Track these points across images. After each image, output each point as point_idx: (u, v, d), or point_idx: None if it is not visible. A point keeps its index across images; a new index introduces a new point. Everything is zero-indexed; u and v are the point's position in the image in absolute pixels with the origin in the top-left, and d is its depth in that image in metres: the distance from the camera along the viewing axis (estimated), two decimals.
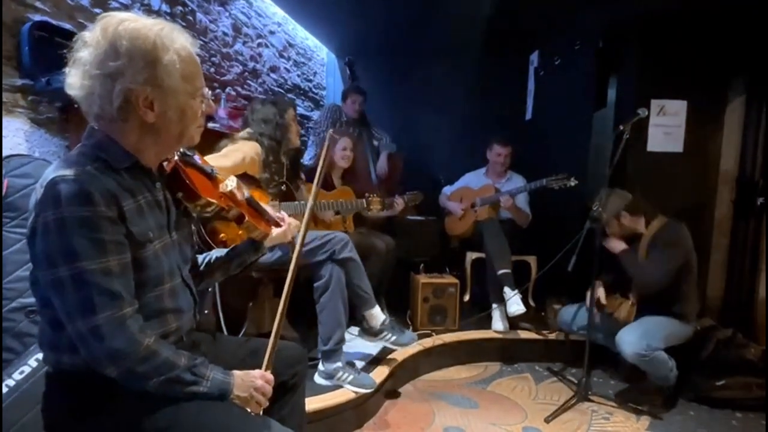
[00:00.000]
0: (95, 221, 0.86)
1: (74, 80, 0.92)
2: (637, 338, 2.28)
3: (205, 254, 1.33)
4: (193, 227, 1.24)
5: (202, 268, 1.30)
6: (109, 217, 0.89)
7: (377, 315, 2.29)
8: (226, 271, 1.33)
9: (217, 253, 1.34)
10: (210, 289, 2.23)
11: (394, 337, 2.31)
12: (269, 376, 1.09)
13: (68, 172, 0.87)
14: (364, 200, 2.58)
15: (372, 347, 2.54)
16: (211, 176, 1.21)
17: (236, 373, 1.04)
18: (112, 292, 0.88)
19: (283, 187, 2.29)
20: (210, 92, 1.07)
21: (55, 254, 0.86)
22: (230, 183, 1.24)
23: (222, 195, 1.21)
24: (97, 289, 0.87)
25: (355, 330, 2.70)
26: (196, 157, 1.20)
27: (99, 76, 0.90)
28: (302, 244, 1.23)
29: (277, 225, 1.38)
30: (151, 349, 0.92)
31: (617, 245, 2.51)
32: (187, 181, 1.10)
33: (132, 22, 0.93)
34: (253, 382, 1.05)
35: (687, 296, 2.43)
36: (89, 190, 0.87)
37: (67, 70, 0.94)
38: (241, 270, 1.35)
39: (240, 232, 2.09)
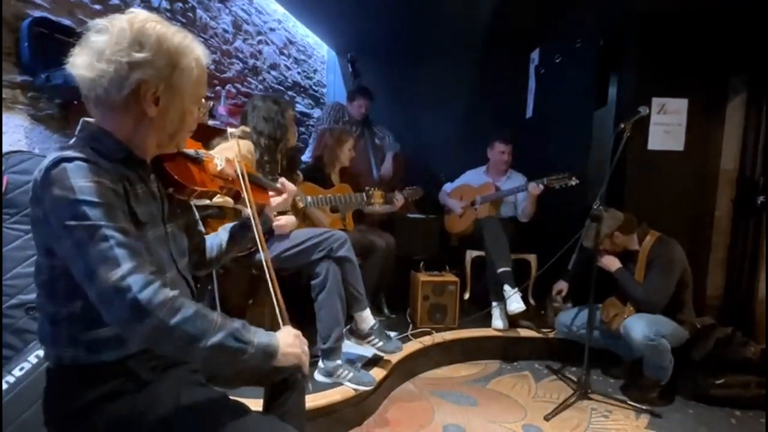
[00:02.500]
0: (103, 191, 0.86)
1: (82, 60, 0.92)
2: (647, 324, 2.34)
3: (211, 237, 1.32)
4: (196, 216, 1.24)
5: (214, 252, 1.30)
6: (115, 190, 0.89)
7: (367, 318, 2.29)
8: (239, 246, 1.35)
9: (224, 232, 1.34)
10: (210, 287, 2.23)
11: (380, 343, 2.31)
12: (295, 330, 1.08)
13: (69, 153, 0.87)
14: (364, 194, 2.57)
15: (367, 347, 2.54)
16: (197, 161, 1.17)
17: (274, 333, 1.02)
18: (132, 247, 0.86)
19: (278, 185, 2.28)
20: (210, 104, 1.07)
21: (70, 221, 0.84)
22: (219, 162, 1.21)
23: (213, 177, 1.19)
24: (117, 242, 0.84)
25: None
26: None
27: (117, 62, 0.91)
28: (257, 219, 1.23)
29: (278, 192, 1.40)
30: (180, 300, 0.87)
31: (611, 263, 2.55)
32: (174, 176, 1.08)
33: (159, 24, 0.96)
34: (290, 332, 1.04)
35: (683, 306, 2.50)
36: (93, 165, 0.87)
37: (74, 50, 0.93)
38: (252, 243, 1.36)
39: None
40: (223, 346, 0.89)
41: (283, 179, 1.45)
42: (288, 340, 1.01)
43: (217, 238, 1.32)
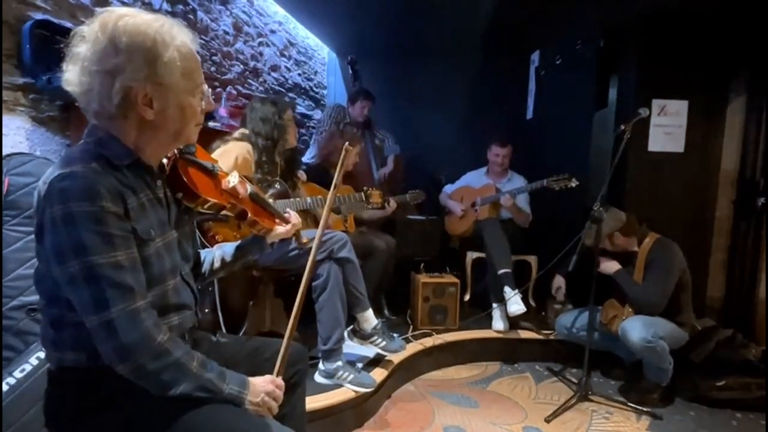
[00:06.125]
0: (102, 216, 0.86)
1: (72, 76, 0.92)
2: (644, 325, 2.34)
3: (206, 252, 1.32)
4: (195, 227, 1.25)
5: (205, 268, 1.30)
6: (116, 213, 0.89)
7: (370, 318, 2.29)
8: (230, 269, 1.34)
9: (219, 251, 1.34)
10: (210, 289, 2.23)
11: (383, 343, 2.31)
12: (280, 381, 1.08)
13: (73, 169, 0.87)
14: (362, 194, 2.58)
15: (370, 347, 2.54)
16: (212, 173, 1.18)
17: (250, 380, 1.03)
18: (123, 286, 0.87)
19: (277, 185, 2.29)
20: (210, 90, 1.06)
21: (65, 249, 0.85)
22: (233, 179, 1.23)
23: (224, 192, 1.20)
24: (109, 282, 0.86)
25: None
26: (194, 151, 1.17)
27: (98, 73, 0.90)
28: (315, 254, 1.24)
29: (284, 221, 1.38)
30: (163, 347, 0.90)
31: (611, 267, 2.55)
32: (186, 181, 1.08)
33: (131, 17, 0.92)
34: (264, 387, 1.04)
35: (683, 308, 2.50)
36: (95, 185, 0.87)
37: (64, 65, 0.93)
38: (243, 267, 1.36)
39: (235, 233, 2.09)
40: (191, 396, 0.94)
41: (295, 215, 1.43)
42: (256, 398, 1.01)
43: (210, 255, 1.32)
